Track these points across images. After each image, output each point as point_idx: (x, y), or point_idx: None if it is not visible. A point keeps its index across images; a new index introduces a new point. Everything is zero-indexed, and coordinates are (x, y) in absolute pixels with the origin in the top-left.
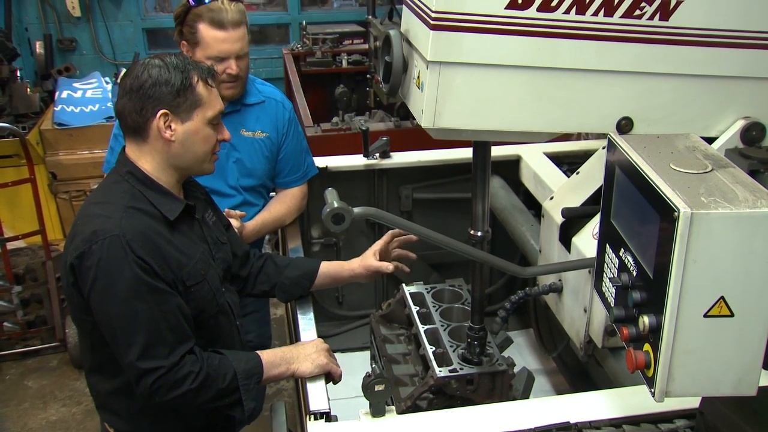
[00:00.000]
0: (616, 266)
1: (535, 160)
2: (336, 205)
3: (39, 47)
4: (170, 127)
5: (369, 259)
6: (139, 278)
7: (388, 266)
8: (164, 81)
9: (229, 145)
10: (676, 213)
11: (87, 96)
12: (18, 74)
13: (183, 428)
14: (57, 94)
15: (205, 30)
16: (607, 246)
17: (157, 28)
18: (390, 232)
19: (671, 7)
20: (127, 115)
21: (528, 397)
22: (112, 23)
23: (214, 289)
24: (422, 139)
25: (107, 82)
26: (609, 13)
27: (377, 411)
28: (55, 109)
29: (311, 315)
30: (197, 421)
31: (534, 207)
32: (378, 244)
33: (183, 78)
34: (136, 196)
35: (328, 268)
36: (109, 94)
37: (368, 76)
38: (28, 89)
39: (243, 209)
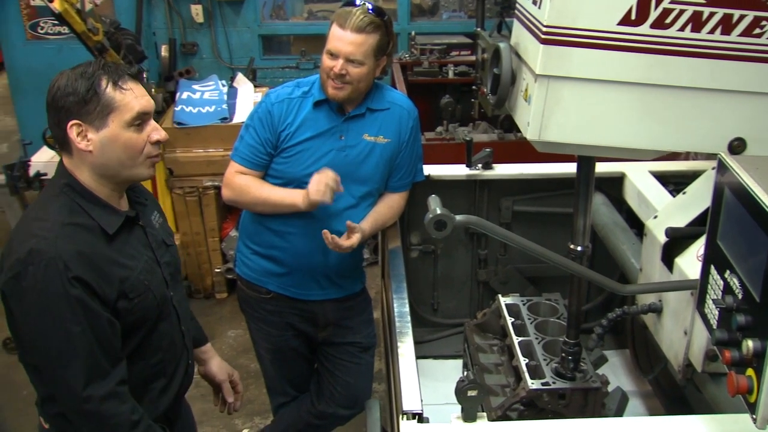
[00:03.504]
0: (721, 288)
1: (639, 178)
2: (439, 211)
3: (164, 50)
4: (86, 137)
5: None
6: (76, 299)
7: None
8: (70, 91)
9: (349, 148)
10: None
11: (204, 97)
12: (144, 75)
13: None
14: (177, 95)
15: (332, 27)
16: (712, 267)
17: (272, 34)
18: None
19: None
20: (51, 129)
21: (621, 417)
22: (231, 29)
23: (159, 297)
24: (525, 152)
25: (223, 85)
26: (726, 31)
27: (469, 416)
28: (176, 108)
29: (408, 319)
30: None
31: (636, 225)
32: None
33: (88, 85)
34: (75, 210)
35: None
36: (225, 97)
37: (474, 87)
38: (153, 89)
39: (361, 213)
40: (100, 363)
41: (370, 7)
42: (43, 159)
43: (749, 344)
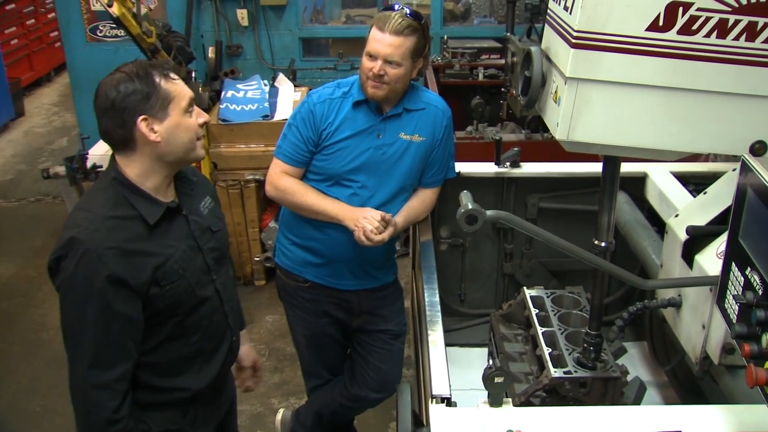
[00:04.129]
0: (742, 284)
1: (661, 178)
2: (470, 206)
3: (211, 52)
4: (152, 129)
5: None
6: (99, 291)
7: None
8: (132, 91)
9: (386, 146)
10: None
11: (248, 96)
12: (193, 75)
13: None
14: (222, 93)
15: (372, 30)
16: (733, 264)
17: (312, 37)
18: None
19: None
20: (112, 132)
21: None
22: (273, 32)
23: (193, 283)
24: (551, 151)
25: (265, 85)
26: (751, 38)
27: (495, 401)
28: (221, 106)
29: (438, 309)
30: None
31: (657, 224)
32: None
33: (146, 82)
34: (120, 202)
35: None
36: (267, 95)
37: (503, 89)
38: (200, 88)
39: (396, 207)
40: (105, 354)
41: (408, 11)
42: (99, 152)
43: None
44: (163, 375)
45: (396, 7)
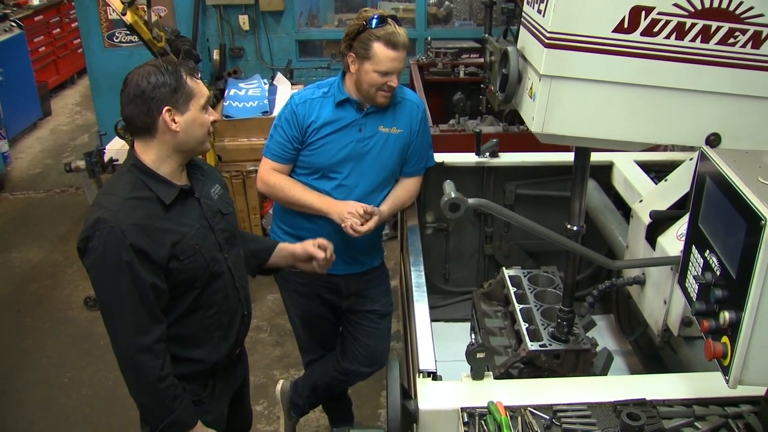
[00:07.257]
0: (701, 265)
1: (626, 167)
2: (453, 195)
3: (216, 54)
4: (174, 120)
5: (308, 244)
6: (126, 263)
7: (319, 254)
8: (162, 83)
9: (367, 139)
10: (762, 221)
11: (249, 94)
12: (199, 75)
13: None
14: (226, 92)
15: (379, 48)
16: (694, 247)
17: (307, 39)
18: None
19: (762, 37)
20: (136, 118)
21: (606, 374)
22: (272, 35)
23: (209, 259)
24: (526, 142)
25: (265, 83)
26: (705, 40)
27: (477, 375)
28: (224, 104)
29: (424, 289)
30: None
31: (622, 208)
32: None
33: (176, 77)
34: (138, 186)
35: (281, 248)
36: (266, 93)
37: (482, 85)
38: (207, 87)
39: (380, 197)
40: (143, 320)
41: (395, 20)
42: (116, 147)
43: (725, 315)
44: (187, 346)
45: (387, 18)
